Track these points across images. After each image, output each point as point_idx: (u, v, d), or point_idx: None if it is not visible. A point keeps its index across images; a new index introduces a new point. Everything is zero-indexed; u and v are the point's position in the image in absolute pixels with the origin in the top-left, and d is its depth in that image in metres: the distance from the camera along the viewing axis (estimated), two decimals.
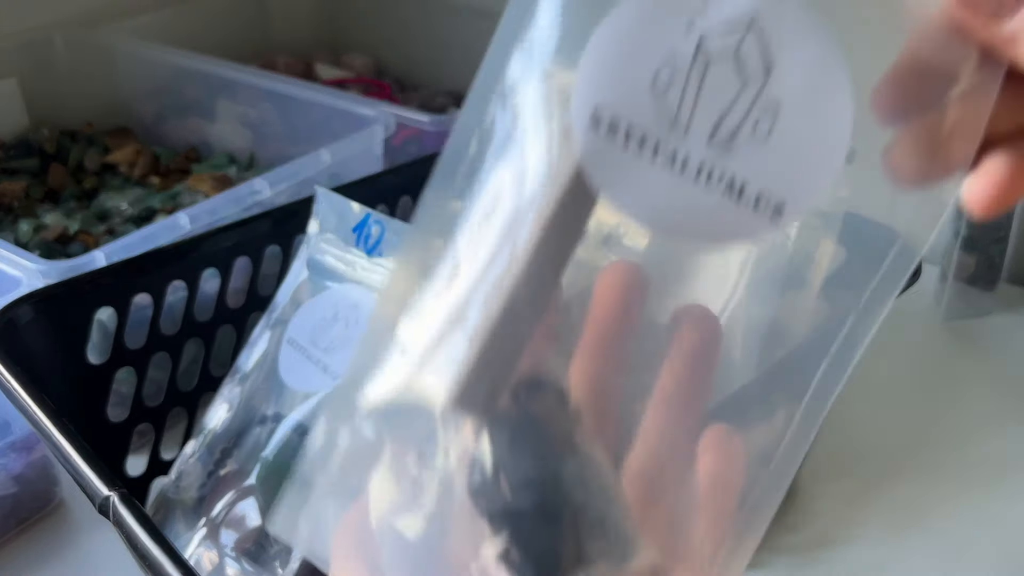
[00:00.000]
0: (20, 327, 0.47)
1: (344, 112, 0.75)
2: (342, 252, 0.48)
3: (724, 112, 0.21)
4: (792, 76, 0.21)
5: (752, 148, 0.21)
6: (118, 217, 0.75)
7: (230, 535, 0.45)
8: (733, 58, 0.21)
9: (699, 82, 0.21)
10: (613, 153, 0.21)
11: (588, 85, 0.22)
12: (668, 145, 0.21)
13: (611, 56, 0.21)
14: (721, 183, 0.21)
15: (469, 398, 0.22)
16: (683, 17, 0.21)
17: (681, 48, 0.21)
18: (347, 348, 0.46)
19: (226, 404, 0.49)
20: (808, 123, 0.21)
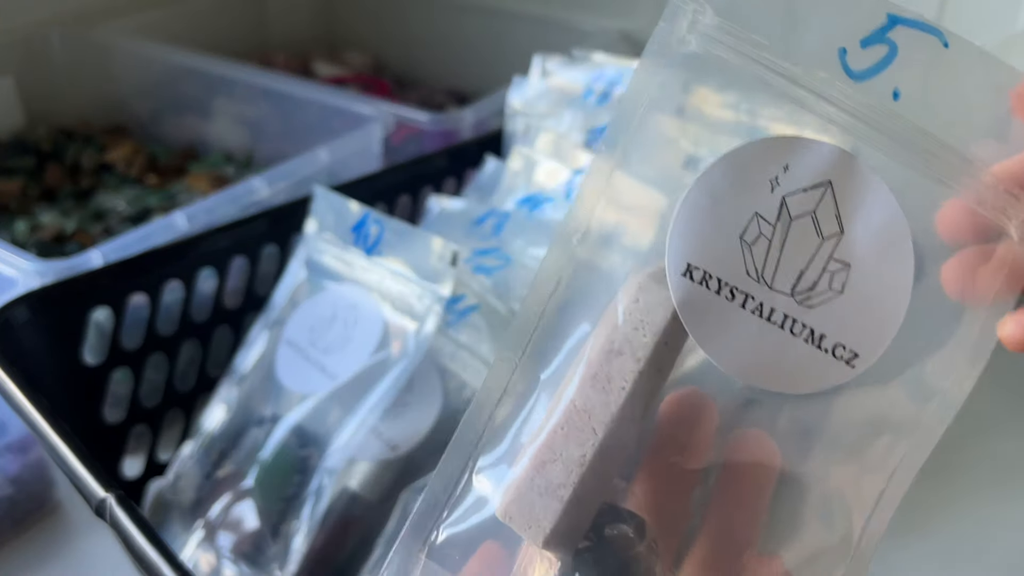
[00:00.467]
0: (16, 327, 0.46)
1: (342, 110, 0.75)
2: (340, 252, 0.48)
3: (804, 267, 0.23)
4: (861, 235, 0.23)
5: (829, 302, 0.23)
6: (115, 216, 0.75)
7: (228, 537, 0.44)
8: (811, 218, 0.23)
9: (782, 239, 0.23)
10: (706, 302, 0.23)
11: (680, 240, 0.23)
12: (756, 297, 0.23)
13: (701, 214, 0.23)
14: (804, 332, 0.23)
15: (561, 537, 0.23)
16: (768, 178, 0.23)
17: (766, 207, 0.23)
18: (346, 348, 0.46)
19: (223, 405, 0.49)
20: (876, 279, 0.23)
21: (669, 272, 0.23)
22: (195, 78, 0.84)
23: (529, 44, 0.68)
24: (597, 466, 0.23)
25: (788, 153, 0.23)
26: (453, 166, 0.64)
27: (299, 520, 0.43)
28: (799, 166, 0.23)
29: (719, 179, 0.23)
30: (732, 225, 0.23)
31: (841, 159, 0.23)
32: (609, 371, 0.23)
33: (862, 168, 0.23)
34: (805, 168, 0.23)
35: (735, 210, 0.23)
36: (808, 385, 0.23)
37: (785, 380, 0.23)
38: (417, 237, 0.45)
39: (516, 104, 0.59)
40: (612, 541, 0.23)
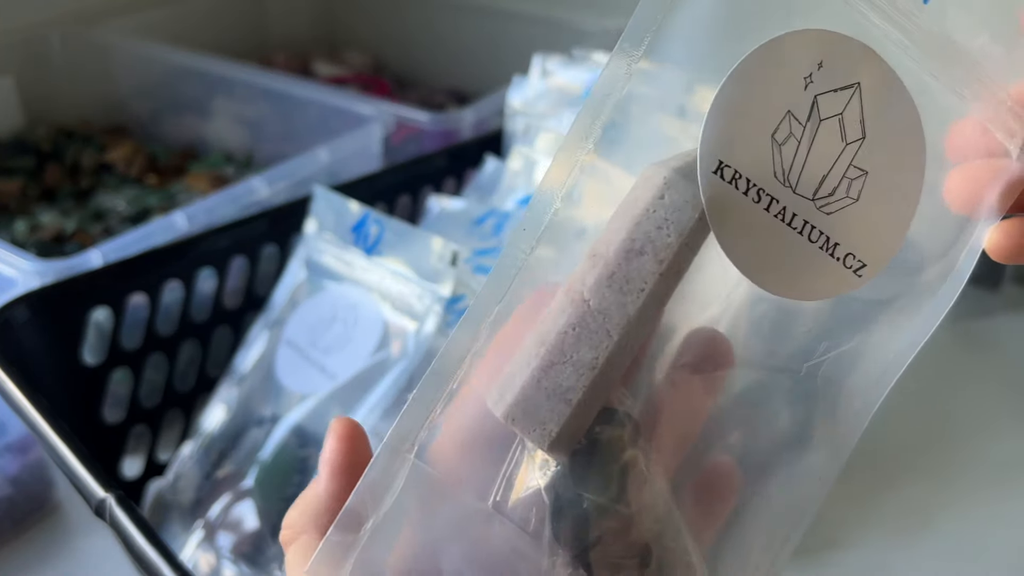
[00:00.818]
0: (15, 327, 0.46)
1: (342, 110, 0.75)
2: (340, 252, 0.48)
3: (826, 172, 0.23)
4: (881, 142, 0.22)
5: (845, 210, 0.23)
6: (114, 216, 0.75)
7: (227, 537, 0.44)
8: (839, 121, 0.22)
9: (811, 141, 0.22)
10: (734, 203, 0.22)
11: (714, 136, 0.22)
12: (780, 200, 0.22)
13: (736, 110, 0.22)
14: (820, 239, 0.23)
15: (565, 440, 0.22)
16: (803, 74, 0.22)
17: (799, 105, 0.22)
18: (346, 349, 0.46)
19: (223, 405, 0.49)
20: (889, 189, 0.23)
21: (701, 168, 0.22)
22: (195, 78, 0.84)
23: (529, 44, 0.68)
24: (608, 370, 0.22)
25: (824, 49, 0.22)
26: (453, 166, 0.64)
27: None
28: (833, 64, 0.22)
29: (754, 71, 0.22)
30: (765, 122, 0.22)
31: (871, 60, 0.22)
32: (628, 272, 0.22)
33: (890, 72, 0.22)
34: (839, 66, 0.22)
35: (769, 106, 0.22)
36: (817, 292, 0.23)
37: (797, 286, 0.23)
38: (417, 237, 0.45)
39: (516, 104, 0.59)
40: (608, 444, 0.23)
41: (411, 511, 0.23)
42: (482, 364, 0.23)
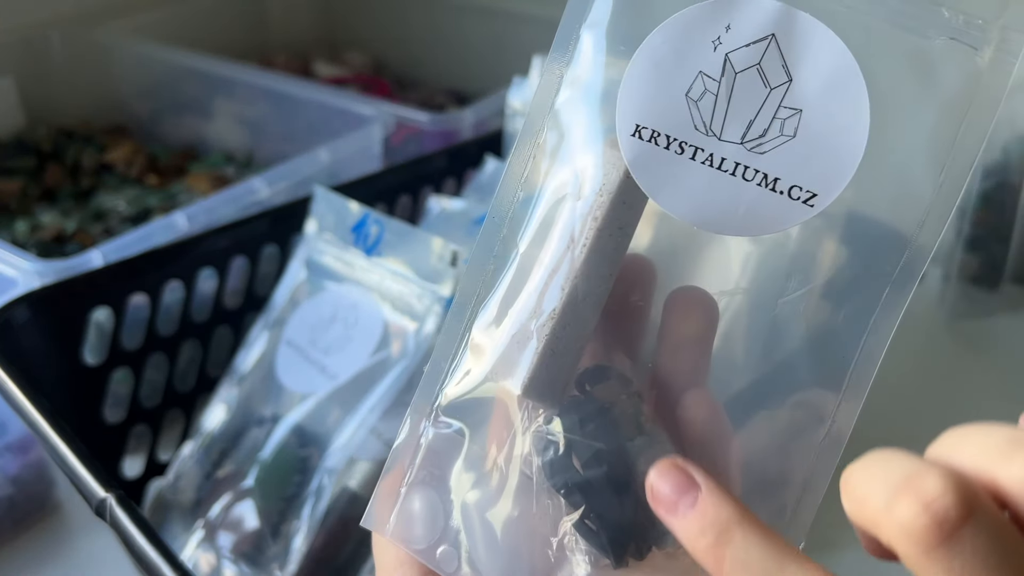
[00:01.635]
0: (16, 327, 0.46)
1: (342, 110, 0.75)
2: (340, 252, 0.48)
3: (753, 116, 0.24)
4: (810, 81, 0.24)
5: (782, 147, 0.24)
6: (115, 216, 0.75)
7: (228, 537, 0.44)
8: (757, 70, 0.24)
9: (728, 92, 0.24)
10: (656, 158, 0.24)
11: (628, 103, 0.24)
12: (705, 148, 0.24)
13: (647, 77, 0.24)
14: (756, 177, 0.24)
15: (539, 386, 0.25)
16: (709, 39, 0.24)
17: (709, 65, 0.24)
18: (346, 349, 0.46)
19: (224, 405, 0.49)
20: (829, 121, 0.24)
21: (619, 134, 0.24)
22: (195, 78, 0.84)
23: (529, 44, 0.68)
24: (568, 319, 0.25)
25: (728, 13, 0.24)
26: (453, 166, 0.64)
27: (299, 520, 0.43)
28: (740, 24, 0.24)
29: (660, 44, 0.24)
30: (677, 85, 0.24)
31: (783, 13, 0.24)
32: (574, 232, 0.25)
33: (804, 18, 0.24)
34: (747, 25, 0.24)
35: (679, 71, 0.24)
36: (766, 227, 0.24)
37: (741, 225, 0.24)
38: (417, 237, 0.45)
39: (516, 104, 0.59)
40: (595, 392, 0.25)
41: (433, 469, 0.26)
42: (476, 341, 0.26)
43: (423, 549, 0.26)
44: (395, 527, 0.26)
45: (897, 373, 0.67)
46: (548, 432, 0.25)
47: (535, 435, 0.25)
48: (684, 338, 0.26)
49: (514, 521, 0.25)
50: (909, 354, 0.70)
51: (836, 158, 0.24)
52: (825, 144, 0.24)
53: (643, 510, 0.24)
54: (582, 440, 0.25)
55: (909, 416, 0.65)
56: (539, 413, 0.25)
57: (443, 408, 0.26)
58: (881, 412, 0.65)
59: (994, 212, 0.71)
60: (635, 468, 0.24)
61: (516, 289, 0.26)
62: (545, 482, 0.25)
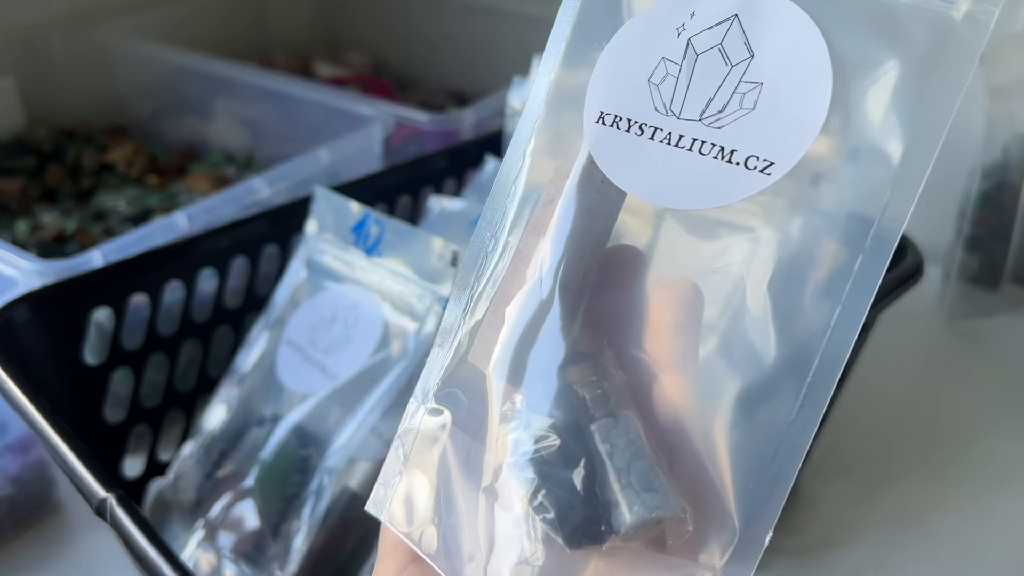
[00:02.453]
0: (16, 327, 0.46)
1: (343, 111, 0.75)
2: (341, 252, 0.48)
3: (712, 94, 0.24)
4: (772, 54, 0.24)
5: (740, 120, 0.24)
6: (115, 216, 0.75)
7: (228, 537, 0.44)
8: (719, 50, 0.24)
9: (689, 73, 0.25)
10: (616, 140, 0.25)
11: (594, 93, 0.26)
12: (664, 128, 0.25)
13: (613, 67, 0.25)
14: (713, 150, 0.24)
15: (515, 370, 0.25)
16: (673, 28, 0.25)
17: (672, 51, 0.25)
18: (346, 349, 0.46)
19: (224, 405, 0.49)
20: (790, 91, 0.24)
21: (585, 122, 0.25)
22: (196, 78, 0.84)
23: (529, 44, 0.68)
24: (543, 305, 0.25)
25: (693, 2, 0.25)
26: (453, 166, 0.64)
27: (299, 520, 0.43)
28: (704, 9, 0.24)
29: (627, 36, 0.25)
30: (640, 71, 0.25)
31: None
32: (544, 218, 0.26)
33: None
34: (710, 9, 0.24)
35: (642, 59, 0.25)
36: (721, 198, 0.24)
37: (697, 197, 0.25)
38: (417, 237, 0.45)
39: (516, 104, 0.59)
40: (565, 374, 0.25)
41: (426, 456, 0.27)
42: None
43: (409, 531, 0.27)
44: (390, 511, 0.27)
45: (896, 373, 0.67)
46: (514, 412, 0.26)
47: (503, 415, 0.26)
48: (668, 327, 0.26)
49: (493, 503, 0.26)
50: (908, 354, 0.70)
51: (795, 126, 0.24)
52: (784, 113, 0.24)
53: (598, 490, 0.24)
54: (539, 416, 0.25)
55: (909, 416, 0.65)
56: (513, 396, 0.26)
57: (435, 395, 0.27)
58: (881, 412, 0.65)
59: (994, 212, 0.71)
60: (591, 448, 0.24)
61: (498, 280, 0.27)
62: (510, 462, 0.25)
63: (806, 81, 0.24)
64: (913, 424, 0.64)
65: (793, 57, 0.24)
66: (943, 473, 0.60)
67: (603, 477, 0.24)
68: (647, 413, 0.26)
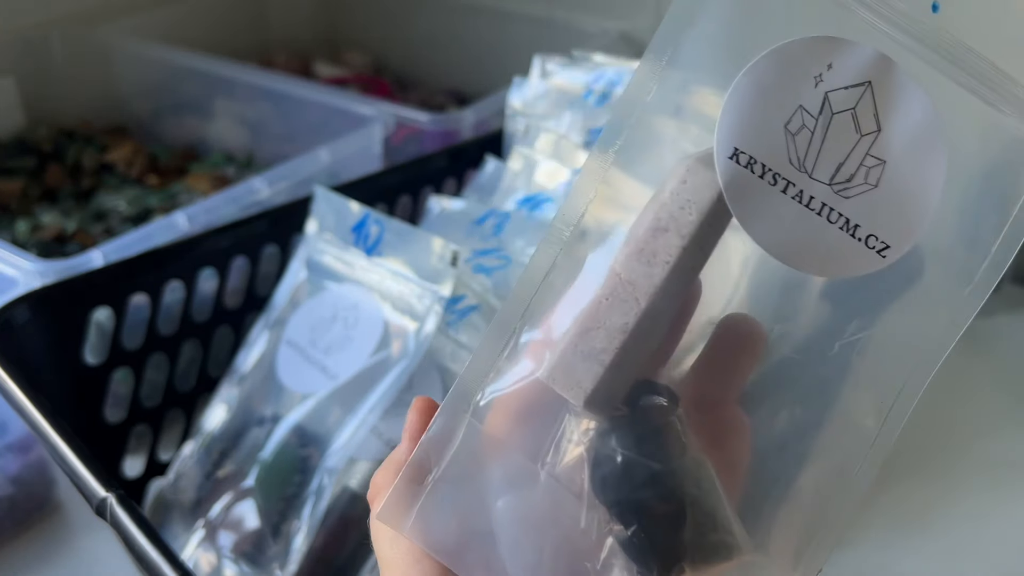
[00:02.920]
0: (17, 327, 0.46)
1: (343, 111, 0.75)
2: (341, 252, 0.48)
3: (842, 160, 0.25)
4: (897, 135, 0.24)
5: (865, 195, 0.25)
6: (115, 216, 0.75)
7: (228, 537, 0.44)
8: (851, 115, 0.24)
9: (824, 132, 0.24)
10: (750, 185, 0.25)
11: (729, 126, 0.25)
12: (796, 184, 0.25)
13: (750, 102, 0.25)
14: (840, 220, 0.24)
15: (600, 399, 0.25)
16: (812, 74, 0.24)
17: (810, 101, 0.24)
18: (346, 349, 0.46)
19: (224, 405, 0.49)
20: (909, 177, 0.24)
21: (717, 155, 0.24)
22: (196, 78, 0.84)
23: (529, 45, 0.68)
24: (637, 334, 0.25)
25: (832, 53, 0.24)
26: (453, 166, 0.64)
27: (299, 520, 0.43)
28: (842, 65, 0.24)
29: (765, 71, 0.24)
30: (777, 115, 0.24)
31: (881, 62, 0.24)
32: (655, 247, 0.25)
33: (900, 72, 0.24)
34: (847, 67, 0.24)
35: (781, 101, 0.24)
36: (840, 271, 0.25)
37: (819, 264, 0.25)
38: (417, 237, 0.45)
39: (516, 104, 0.59)
40: (647, 409, 0.25)
41: (467, 467, 0.26)
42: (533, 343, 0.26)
43: (449, 550, 0.25)
44: (416, 523, 0.25)
45: None
46: (603, 446, 0.25)
47: (587, 447, 0.25)
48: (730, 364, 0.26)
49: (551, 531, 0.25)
50: None
51: (911, 214, 0.24)
52: (903, 198, 0.24)
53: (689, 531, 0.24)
54: (638, 458, 0.25)
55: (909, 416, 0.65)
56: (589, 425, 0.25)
57: (483, 408, 0.26)
58: None
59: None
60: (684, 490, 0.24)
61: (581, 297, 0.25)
62: (594, 496, 0.25)
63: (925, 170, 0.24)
64: (914, 424, 0.64)
65: (916, 143, 0.24)
66: (943, 473, 0.60)
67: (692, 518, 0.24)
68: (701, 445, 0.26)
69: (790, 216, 0.24)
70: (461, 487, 0.26)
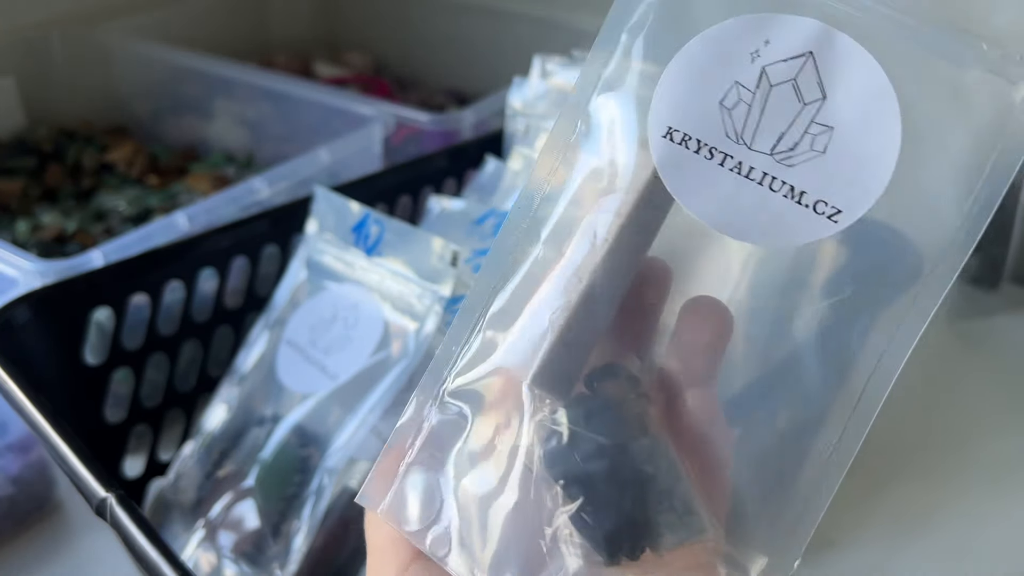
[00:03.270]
0: (17, 327, 0.46)
1: (343, 111, 0.75)
2: (341, 252, 0.48)
3: (784, 130, 0.24)
4: (844, 101, 0.24)
5: (810, 162, 0.24)
6: (116, 216, 0.75)
7: (228, 537, 0.44)
8: (792, 85, 0.24)
9: (762, 104, 0.24)
10: (685, 161, 0.25)
11: (662, 105, 0.25)
12: (734, 156, 0.24)
13: (683, 82, 0.25)
14: (783, 188, 0.24)
15: (549, 377, 0.25)
16: (747, 51, 0.24)
17: (746, 76, 0.24)
18: (346, 349, 0.46)
19: (224, 405, 0.49)
20: (860, 141, 0.24)
21: (651, 134, 0.25)
22: (196, 78, 0.84)
23: (529, 44, 0.68)
24: (582, 313, 0.25)
25: (768, 29, 0.24)
26: (453, 166, 0.64)
27: (299, 520, 0.43)
28: (780, 40, 0.24)
29: (698, 52, 0.25)
30: (712, 92, 0.25)
31: (823, 33, 0.24)
32: (596, 226, 0.25)
33: (845, 40, 0.24)
34: (786, 41, 0.24)
35: (715, 79, 0.25)
36: (789, 239, 0.24)
37: (765, 234, 0.24)
38: (417, 237, 0.45)
39: (516, 104, 0.59)
40: (601, 388, 0.26)
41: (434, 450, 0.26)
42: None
43: (416, 531, 0.26)
44: (389, 506, 0.26)
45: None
46: (552, 423, 0.25)
47: (538, 425, 0.25)
48: (697, 345, 0.26)
49: (510, 509, 0.25)
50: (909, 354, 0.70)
51: (864, 178, 0.24)
52: (854, 163, 0.24)
53: (641, 510, 0.24)
54: (585, 433, 0.25)
55: (909, 416, 0.65)
56: (545, 404, 0.26)
57: (449, 391, 0.27)
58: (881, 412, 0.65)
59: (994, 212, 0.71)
60: (637, 468, 0.24)
61: (534, 281, 0.26)
62: (544, 472, 0.25)
63: (877, 134, 0.24)
64: (913, 424, 0.64)
65: (865, 107, 0.24)
66: (943, 473, 0.60)
67: (645, 497, 0.24)
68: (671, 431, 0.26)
69: (729, 188, 0.24)
70: (430, 471, 0.26)
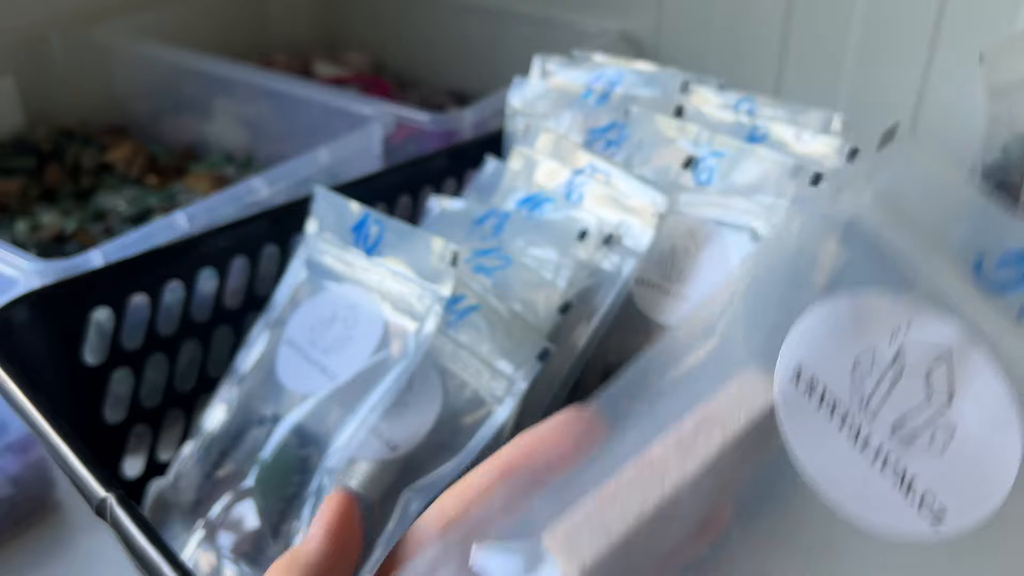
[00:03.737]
0: (16, 327, 0.46)
1: (343, 110, 0.75)
2: (341, 252, 0.48)
3: (908, 415, 0.24)
4: (970, 409, 0.24)
5: (928, 453, 0.24)
6: (115, 216, 0.75)
7: (228, 537, 0.44)
8: (924, 375, 0.24)
9: (892, 382, 0.24)
10: (807, 407, 0.24)
11: (796, 344, 0.25)
12: (856, 420, 0.24)
13: (821, 331, 0.25)
14: (895, 472, 0.24)
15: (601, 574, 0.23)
16: (889, 325, 0.24)
17: (882, 349, 0.24)
18: (346, 349, 0.46)
19: (224, 405, 0.49)
20: (979, 452, 0.24)
21: (779, 366, 0.24)
22: (195, 78, 0.84)
23: (529, 44, 0.68)
24: (655, 521, 0.23)
25: (915, 312, 0.24)
26: (453, 166, 0.64)
27: (299, 520, 0.43)
28: (923, 327, 0.24)
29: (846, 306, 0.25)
30: (848, 348, 0.24)
31: (963, 338, 0.24)
32: (696, 438, 0.24)
33: (983, 352, 0.24)
34: (928, 331, 0.24)
35: (854, 337, 0.24)
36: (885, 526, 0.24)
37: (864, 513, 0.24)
38: (417, 237, 0.45)
39: (516, 104, 0.59)
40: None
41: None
42: None
43: None
44: None
45: None
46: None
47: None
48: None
49: None
50: None
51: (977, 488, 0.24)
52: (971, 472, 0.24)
53: None
54: None
55: None
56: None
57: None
58: None
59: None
60: None
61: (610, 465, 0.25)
62: None
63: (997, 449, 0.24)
64: None
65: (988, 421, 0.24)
66: None
67: None
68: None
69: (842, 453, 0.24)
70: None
